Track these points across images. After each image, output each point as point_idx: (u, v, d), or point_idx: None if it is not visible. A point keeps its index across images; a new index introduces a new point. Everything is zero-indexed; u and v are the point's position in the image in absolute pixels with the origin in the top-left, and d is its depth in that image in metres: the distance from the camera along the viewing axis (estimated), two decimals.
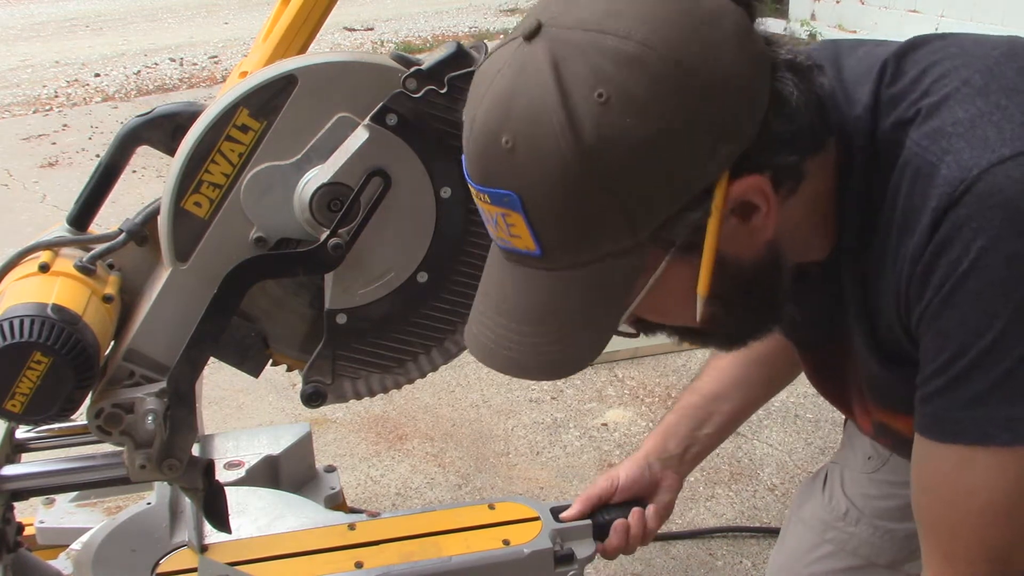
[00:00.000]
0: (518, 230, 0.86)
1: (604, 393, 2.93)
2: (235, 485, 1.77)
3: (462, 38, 8.93)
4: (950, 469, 0.93)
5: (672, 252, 0.87)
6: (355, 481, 2.53)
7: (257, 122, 1.15)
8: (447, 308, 1.28)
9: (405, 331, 1.29)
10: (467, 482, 2.53)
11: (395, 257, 1.24)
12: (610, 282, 0.88)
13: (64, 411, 1.16)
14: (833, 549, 1.49)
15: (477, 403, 2.90)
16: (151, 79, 7.59)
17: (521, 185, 0.83)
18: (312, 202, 1.16)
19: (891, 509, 1.44)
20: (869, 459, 1.48)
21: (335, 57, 1.18)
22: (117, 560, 1.48)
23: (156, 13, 10.80)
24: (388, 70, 1.18)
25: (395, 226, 1.21)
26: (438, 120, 1.17)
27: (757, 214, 0.89)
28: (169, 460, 1.24)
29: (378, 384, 1.31)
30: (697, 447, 1.52)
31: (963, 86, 0.93)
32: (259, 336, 1.27)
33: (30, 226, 4.26)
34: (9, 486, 1.35)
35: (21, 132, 6.11)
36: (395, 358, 1.30)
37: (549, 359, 0.92)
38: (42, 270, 1.21)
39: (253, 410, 2.90)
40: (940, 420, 0.92)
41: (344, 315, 1.24)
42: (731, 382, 1.50)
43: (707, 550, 2.26)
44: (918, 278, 0.90)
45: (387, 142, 1.17)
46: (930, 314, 0.90)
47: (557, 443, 2.70)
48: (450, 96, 1.16)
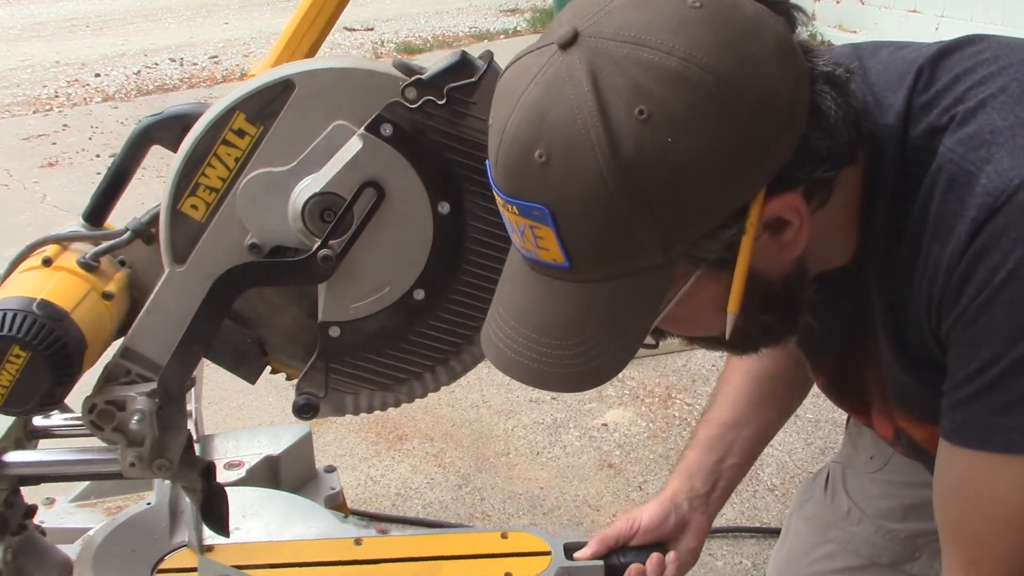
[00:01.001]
0: (547, 243, 0.84)
1: (604, 393, 2.93)
2: (235, 485, 1.77)
3: (462, 38, 8.93)
4: (978, 476, 0.92)
5: (703, 267, 0.86)
6: (355, 481, 2.53)
7: (254, 127, 1.13)
8: (446, 328, 1.24)
9: (402, 349, 1.25)
10: (467, 482, 2.53)
11: (390, 272, 1.20)
12: (638, 296, 0.87)
13: (43, 405, 1.17)
14: (835, 548, 1.48)
15: (477, 403, 2.90)
16: (151, 79, 7.59)
17: (554, 200, 0.82)
18: (304, 211, 1.14)
19: (893, 509, 1.44)
20: (872, 459, 1.48)
21: (334, 63, 1.16)
22: (117, 560, 1.47)
23: (156, 13, 10.79)
24: (388, 78, 1.15)
25: (390, 240, 1.18)
26: (436, 132, 1.13)
27: (789, 229, 0.87)
28: (159, 460, 1.24)
29: (376, 400, 1.28)
30: (724, 480, 1.43)
31: (1000, 93, 0.91)
32: (255, 343, 1.26)
33: (30, 226, 4.26)
34: (13, 471, 1.36)
35: (21, 132, 6.11)
36: (391, 375, 1.26)
37: (573, 371, 0.90)
38: (45, 264, 1.22)
39: (253, 410, 2.90)
40: (969, 427, 0.91)
41: (337, 328, 1.21)
42: (745, 406, 1.44)
43: (707, 550, 2.25)
44: (953, 286, 0.89)
45: (381, 153, 1.13)
46: (964, 322, 0.89)
47: (557, 443, 2.70)
48: (449, 108, 1.12)
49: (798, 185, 0.85)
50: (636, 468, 2.57)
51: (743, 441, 1.43)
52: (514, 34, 9.05)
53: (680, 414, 2.82)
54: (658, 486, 2.47)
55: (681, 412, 2.83)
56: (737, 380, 1.45)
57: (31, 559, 1.44)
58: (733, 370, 1.46)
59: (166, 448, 1.25)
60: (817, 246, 0.93)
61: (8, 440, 1.37)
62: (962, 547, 0.98)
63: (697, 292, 0.88)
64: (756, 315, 0.93)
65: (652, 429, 2.75)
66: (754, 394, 1.44)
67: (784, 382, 1.44)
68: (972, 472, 0.93)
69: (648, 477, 2.53)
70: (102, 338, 1.23)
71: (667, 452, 2.63)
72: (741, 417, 1.44)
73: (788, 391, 1.46)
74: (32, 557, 1.45)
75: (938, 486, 0.99)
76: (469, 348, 1.27)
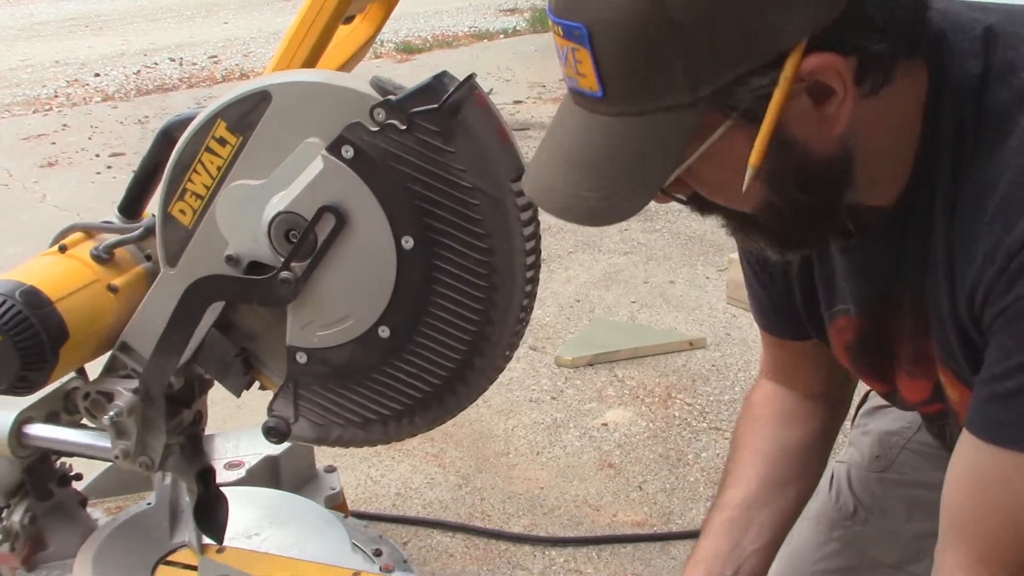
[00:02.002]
0: (584, 68, 0.84)
1: (604, 393, 2.93)
2: (235, 485, 1.77)
3: (462, 38, 8.93)
4: (1000, 473, 0.91)
5: (733, 118, 0.84)
6: (355, 481, 2.52)
7: (234, 136, 1.10)
8: (413, 373, 1.15)
9: (369, 387, 1.18)
10: (467, 482, 2.53)
11: (353, 304, 1.13)
12: (665, 137, 0.85)
13: (16, 389, 1.20)
14: (840, 548, 1.48)
15: (477, 403, 2.87)
16: (151, 79, 7.59)
17: (591, 19, 0.82)
18: (271, 229, 1.11)
19: (898, 509, 1.43)
20: (877, 458, 1.47)
21: (311, 76, 1.11)
22: (117, 560, 1.48)
23: (156, 13, 10.80)
24: (358, 96, 1.06)
25: (351, 271, 1.11)
26: (398, 160, 1.05)
27: (832, 100, 0.83)
28: (142, 457, 1.27)
29: (347, 435, 1.22)
30: (748, 566, 1.26)
31: None
32: (240, 356, 1.23)
33: (30, 226, 4.24)
34: (34, 443, 1.38)
35: (21, 132, 6.11)
36: (358, 413, 1.19)
37: (595, 205, 0.89)
38: (61, 250, 1.26)
39: (253, 410, 2.88)
40: (998, 423, 0.89)
41: (304, 354, 1.16)
42: (759, 487, 1.29)
43: None
44: (1009, 274, 0.85)
45: (343, 176, 1.06)
46: (1012, 314, 0.86)
47: (557, 443, 2.70)
48: (411, 135, 1.03)
49: (848, 52, 0.82)
50: (636, 468, 2.57)
51: (761, 524, 1.28)
52: (514, 34, 9.05)
53: (680, 414, 2.82)
54: (658, 486, 2.47)
55: (681, 412, 2.83)
56: (748, 458, 1.34)
57: (52, 525, 1.49)
58: (743, 448, 1.37)
59: (148, 447, 1.26)
60: (865, 149, 0.89)
61: (38, 411, 1.40)
62: (973, 544, 0.96)
63: (726, 147, 0.86)
64: (790, 190, 0.89)
65: (652, 429, 2.74)
66: (768, 472, 1.31)
67: (799, 457, 1.33)
68: (995, 469, 0.91)
69: (648, 477, 2.52)
70: (96, 329, 1.25)
71: (667, 452, 2.63)
72: (757, 496, 1.30)
73: (805, 467, 1.34)
74: (53, 524, 1.49)
75: (954, 479, 0.97)
76: (446, 395, 1.20)
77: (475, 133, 1.05)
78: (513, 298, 1.12)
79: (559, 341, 3.25)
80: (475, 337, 1.13)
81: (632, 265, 3.89)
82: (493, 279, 1.10)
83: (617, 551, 2.25)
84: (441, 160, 1.04)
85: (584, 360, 3.09)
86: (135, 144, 5.73)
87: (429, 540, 2.31)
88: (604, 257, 3.98)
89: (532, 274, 1.13)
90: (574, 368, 3.08)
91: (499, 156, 1.06)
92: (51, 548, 1.48)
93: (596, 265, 3.90)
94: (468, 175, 1.05)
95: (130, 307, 1.26)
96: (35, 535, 1.46)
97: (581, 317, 3.43)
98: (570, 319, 3.42)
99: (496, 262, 1.09)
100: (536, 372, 3.07)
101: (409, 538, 2.32)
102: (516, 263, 1.10)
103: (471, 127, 1.05)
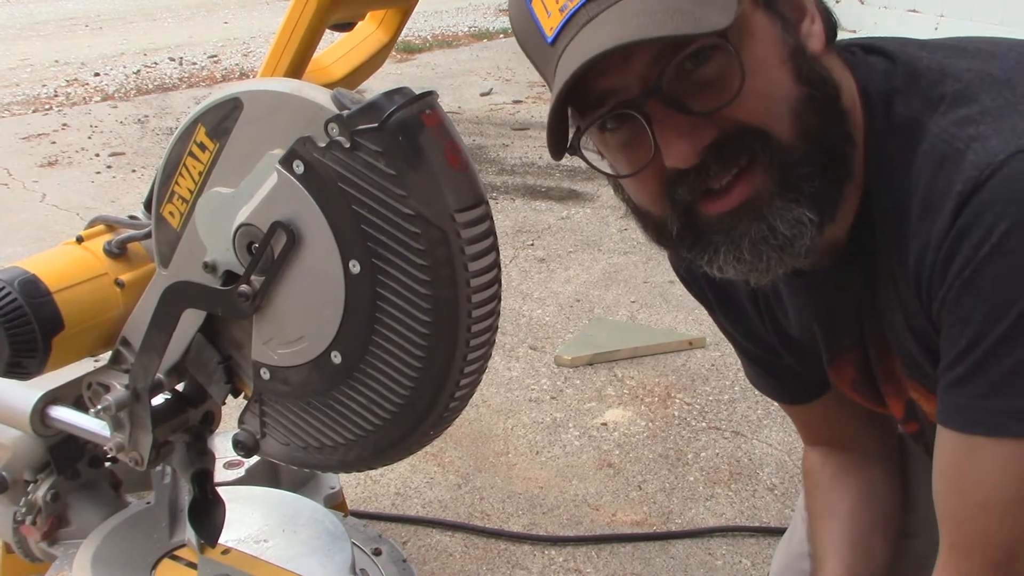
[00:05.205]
0: None
1: (604, 393, 2.93)
2: (235, 485, 1.77)
3: (462, 37, 8.93)
4: (961, 459, 0.92)
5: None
6: (354, 480, 2.53)
7: (212, 142, 1.08)
8: (363, 403, 1.09)
9: (325, 413, 1.13)
10: (467, 482, 2.53)
11: (307, 325, 1.08)
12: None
13: (12, 374, 1.20)
14: None
15: (476, 403, 2.90)
16: (151, 78, 7.59)
17: None
18: (235, 240, 1.09)
19: None
20: None
21: (278, 85, 1.05)
22: (117, 560, 1.48)
23: (156, 13, 10.80)
24: (317, 109, 1.01)
25: (304, 291, 1.06)
26: (342, 179, 0.99)
27: (805, 21, 0.97)
28: (132, 453, 1.27)
29: (312, 459, 1.19)
30: None
31: (987, 77, 0.93)
32: (223, 364, 1.21)
33: (30, 225, 4.25)
34: (55, 425, 1.40)
35: (21, 131, 6.10)
36: (316, 438, 1.16)
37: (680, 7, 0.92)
38: (77, 241, 1.28)
39: None
40: (959, 409, 0.91)
41: (267, 371, 1.13)
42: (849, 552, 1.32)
43: (706, 550, 2.26)
44: (940, 264, 0.89)
45: (293, 192, 1.01)
46: (951, 300, 0.89)
47: (557, 443, 2.70)
48: (355, 153, 0.97)
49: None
50: (636, 468, 2.57)
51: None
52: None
53: (680, 414, 2.82)
54: (657, 486, 2.48)
55: (681, 412, 2.83)
56: (825, 529, 1.36)
57: (77, 504, 1.51)
58: (819, 520, 1.38)
59: (138, 443, 1.27)
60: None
61: (66, 392, 1.41)
62: (945, 531, 0.97)
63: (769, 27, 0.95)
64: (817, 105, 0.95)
65: (652, 429, 2.75)
66: (850, 533, 1.34)
67: (872, 506, 1.35)
68: (957, 455, 0.93)
69: (647, 477, 2.53)
70: (99, 322, 1.26)
71: (666, 451, 2.63)
72: (855, 561, 1.32)
73: (881, 512, 1.37)
74: (79, 503, 1.51)
75: (933, 469, 0.99)
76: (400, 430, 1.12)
77: (422, 156, 0.98)
78: (457, 342, 1.03)
79: (559, 341, 3.25)
80: (418, 376, 1.05)
81: (632, 265, 3.89)
82: (436, 314, 1.01)
83: (616, 550, 2.25)
84: (382, 183, 0.98)
85: (584, 360, 3.09)
86: (135, 144, 5.73)
87: (428, 539, 2.31)
88: (604, 257, 3.99)
89: (482, 312, 1.04)
90: (573, 368, 3.08)
91: (447, 182, 0.99)
92: (73, 526, 1.51)
93: (596, 265, 3.91)
94: (411, 200, 0.98)
95: (137, 303, 1.28)
96: (59, 512, 1.49)
97: (581, 317, 3.43)
98: (570, 319, 3.42)
99: (441, 294, 1.01)
100: (535, 372, 3.07)
101: (408, 537, 2.32)
102: (460, 298, 1.01)
103: (418, 149, 0.98)
